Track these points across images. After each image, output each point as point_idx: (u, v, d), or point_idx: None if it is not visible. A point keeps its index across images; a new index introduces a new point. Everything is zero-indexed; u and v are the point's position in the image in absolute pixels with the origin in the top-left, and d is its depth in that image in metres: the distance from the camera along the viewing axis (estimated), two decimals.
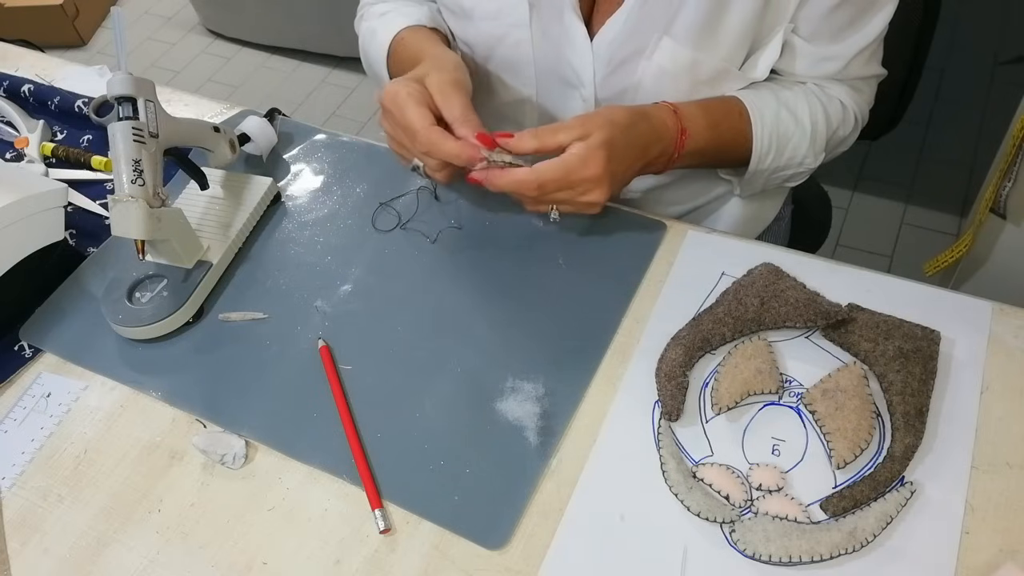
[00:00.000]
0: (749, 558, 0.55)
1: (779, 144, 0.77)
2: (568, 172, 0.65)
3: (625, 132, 0.68)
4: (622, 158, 0.68)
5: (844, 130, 0.81)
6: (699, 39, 0.71)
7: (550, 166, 0.65)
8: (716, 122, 0.75)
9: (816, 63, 0.77)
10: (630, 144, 0.69)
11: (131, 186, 0.65)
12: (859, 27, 0.74)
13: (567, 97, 0.80)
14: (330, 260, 0.76)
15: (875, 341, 0.63)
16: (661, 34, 0.72)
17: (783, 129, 0.76)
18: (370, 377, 0.67)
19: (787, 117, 0.76)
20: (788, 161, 0.79)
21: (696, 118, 0.73)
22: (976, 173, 1.90)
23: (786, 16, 0.72)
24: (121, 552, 0.59)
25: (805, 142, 0.78)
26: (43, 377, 0.70)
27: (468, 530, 0.58)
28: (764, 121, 0.75)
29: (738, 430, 0.62)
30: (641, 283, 0.71)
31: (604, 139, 0.65)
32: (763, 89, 0.77)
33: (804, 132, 0.77)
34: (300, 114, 0.94)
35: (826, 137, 0.79)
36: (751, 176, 0.80)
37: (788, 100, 0.77)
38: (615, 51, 0.74)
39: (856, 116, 0.81)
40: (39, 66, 1.03)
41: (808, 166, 0.80)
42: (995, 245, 1.31)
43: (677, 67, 0.73)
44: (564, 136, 0.66)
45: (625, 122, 0.68)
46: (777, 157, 0.78)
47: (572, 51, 0.76)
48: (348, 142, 0.88)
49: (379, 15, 0.86)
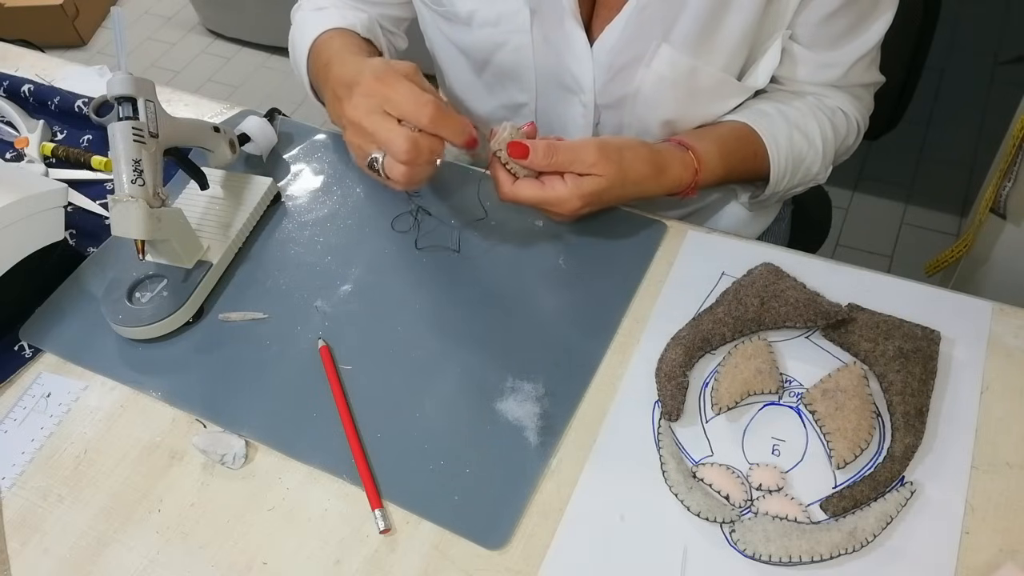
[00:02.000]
0: (749, 558, 0.55)
1: (794, 166, 0.78)
2: (541, 203, 0.69)
3: (627, 187, 0.70)
4: (606, 202, 0.71)
5: (849, 139, 0.82)
6: (697, 46, 0.71)
7: (528, 191, 0.68)
8: (731, 169, 0.76)
9: (817, 70, 0.77)
10: (623, 196, 0.71)
11: (131, 186, 0.65)
12: (858, 34, 0.74)
13: (567, 103, 0.80)
14: (330, 260, 0.76)
15: (875, 341, 0.63)
16: (660, 41, 0.71)
17: (797, 151, 0.77)
18: (370, 377, 0.67)
19: (800, 139, 0.77)
20: (802, 179, 0.80)
21: (713, 172, 0.75)
22: (976, 173, 1.90)
23: (783, 23, 0.72)
24: (121, 552, 0.59)
25: (818, 160, 0.79)
26: (43, 377, 0.70)
27: (468, 530, 0.58)
28: (779, 146, 0.76)
29: (738, 430, 0.62)
30: (641, 283, 0.71)
31: (593, 189, 0.68)
32: (772, 112, 0.78)
33: (817, 151, 0.78)
34: (300, 114, 0.94)
35: (834, 149, 0.80)
36: (767, 197, 0.81)
37: (798, 121, 0.77)
38: (614, 58, 0.74)
39: (858, 124, 0.82)
40: (39, 66, 1.03)
41: (819, 180, 0.82)
42: (995, 245, 1.31)
43: (676, 74, 0.73)
44: (577, 167, 0.67)
45: (634, 179, 0.70)
46: (792, 178, 0.79)
47: (572, 57, 0.76)
48: None
49: (315, 9, 0.86)
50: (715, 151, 0.74)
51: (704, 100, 0.76)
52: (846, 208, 1.88)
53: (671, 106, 0.75)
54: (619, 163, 0.68)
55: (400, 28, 0.92)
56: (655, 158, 0.71)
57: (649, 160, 0.71)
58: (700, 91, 0.75)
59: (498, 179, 0.69)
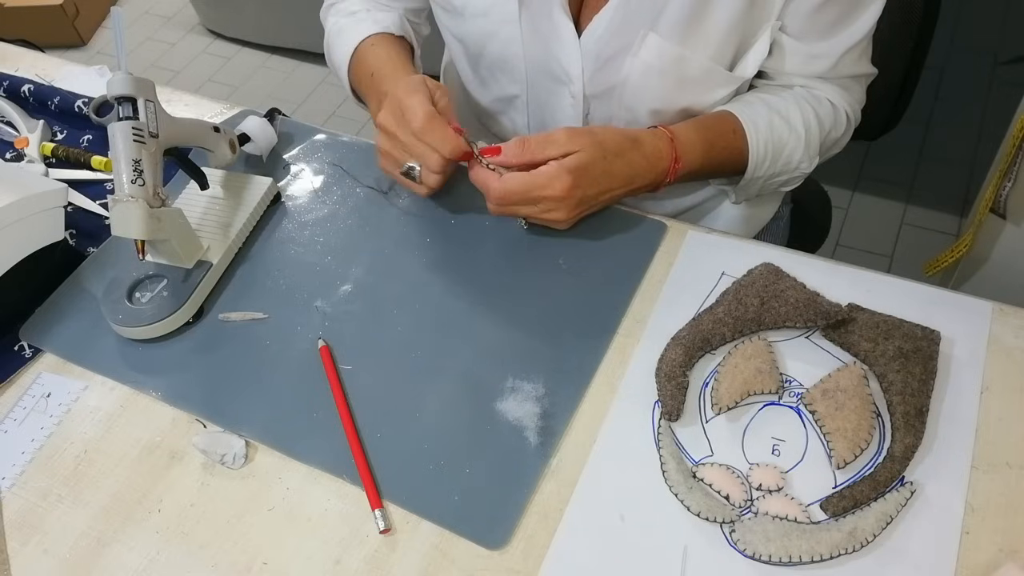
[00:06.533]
0: (749, 558, 0.55)
1: (774, 151, 0.77)
2: (531, 188, 0.68)
3: (609, 159, 0.69)
4: (596, 183, 0.70)
5: (836, 131, 0.81)
6: (685, 35, 0.72)
7: (516, 179, 0.68)
8: (711, 144, 0.75)
9: (806, 61, 0.77)
10: (611, 172, 0.70)
11: (131, 186, 0.65)
12: (848, 24, 0.74)
13: (557, 94, 0.81)
14: (330, 260, 0.76)
15: (875, 341, 0.63)
16: (647, 30, 0.72)
17: (777, 136, 0.77)
18: (370, 377, 0.67)
19: (780, 123, 0.77)
20: (783, 167, 0.79)
21: (692, 144, 0.74)
22: (976, 173, 1.90)
23: (772, 13, 0.72)
24: (121, 552, 0.59)
25: (800, 147, 0.78)
26: (43, 377, 0.70)
27: (468, 530, 0.58)
28: (758, 129, 0.76)
29: (738, 430, 0.62)
30: (641, 283, 0.71)
31: (578, 163, 0.67)
32: (753, 99, 0.78)
33: (798, 137, 0.77)
34: (300, 114, 0.94)
35: (819, 140, 0.79)
36: (746, 183, 0.81)
37: (779, 107, 0.77)
38: (602, 48, 0.74)
39: (848, 116, 0.81)
40: (39, 66, 1.03)
41: (803, 171, 0.81)
42: (995, 245, 1.31)
43: (664, 63, 0.73)
44: (551, 151, 0.68)
45: (614, 149, 0.70)
46: (772, 164, 0.78)
47: (560, 48, 0.76)
48: (348, 142, 0.88)
49: (349, 13, 0.88)
50: (688, 125, 0.75)
51: (692, 89, 0.76)
52: (846, 208, 1.88)
53: (659, 95, 0.76)
54: (591, 135, 0.69)
55: (421, 17, 0.94)
56: (625, 131, 0.73)
57: (620, 132, 0.72)
58: (688, 80, 0.75)
59: (485, 180, 0.70)
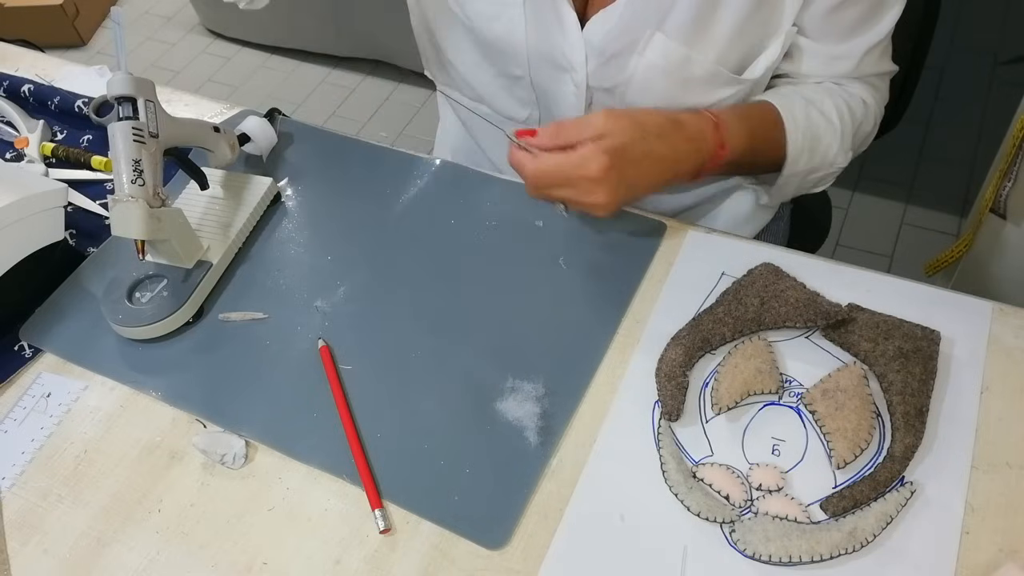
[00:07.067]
0: (749, 558, 0.55)
1: (812, 143, 0.76)
2: (564, 168, 0.64)
3: (649, 140, 0.66)
4: (635, 164, 0.66)
5: (867, 125, 0.80)
6: (692, 36, 0.72)
7: (550, 159, 0.64)
8: (753, 133, 0.73)
9: (827, 63, 0.77)
10: (652, 154, 0.66)
11: (131, 186, 0.65)
12: (870, 25, 0.74)
13: (559, 80, 0.80)
14: (330, 260, 0.76)
15: (875, 341, 0.63)
16: (654, 30, 0.72)
17: (814, 127, 0.75)
18: (370, 377, 0.67)
19: (816, 115, 0.75)
20: (821, 161, 0.78)
21: (737, 131, 0.72)
22: (976, 173, 1.90)
23: (783, 17, 0.72)
24: (121, 552, 0.59)
25: (836, 140, 0.77)
26: (43, 377, 0.70)
27: (468, 530, 0.58)
28: (796, 120, 0.74)
29: (738, 430, 0.62)
30: (641, 283, 0.71)
31: (616, 144, 0.64)
32: (788, 91, 0.77)
33: (835, 129, 0.76)
34: (300, 114, 0.94)
35: (852, 133, 0.78)
36: (785, 180, 0.79)
37: (813, 98, 0.76)
38: (608, 44, 0.74)
39: (876, 111, 0.81)
40: (39, 66, 1.03)
41: (839, 165, 0.79)
42: (995, 245, 1.31)
43: (669, 63, 0.73)
44: (588, 132, 0.64)
45: (655, 130, 0.67)
46: (811, 157, 0.77)
47: (563, 37, 0.76)
48: (348, 142, 0.88)
49: None
50: (731, 112, 0.73)
51: (697, 90, 0.76)
52: (846, 208, 1.88)
53: (663, 95, 0.75)
54: (630, 116, 0.66)
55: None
56: (667, 113, 0.69)
57: (662, 114, 0.68)
58: (693, 81, 0.75)
59: (520, 161, 0.66)
